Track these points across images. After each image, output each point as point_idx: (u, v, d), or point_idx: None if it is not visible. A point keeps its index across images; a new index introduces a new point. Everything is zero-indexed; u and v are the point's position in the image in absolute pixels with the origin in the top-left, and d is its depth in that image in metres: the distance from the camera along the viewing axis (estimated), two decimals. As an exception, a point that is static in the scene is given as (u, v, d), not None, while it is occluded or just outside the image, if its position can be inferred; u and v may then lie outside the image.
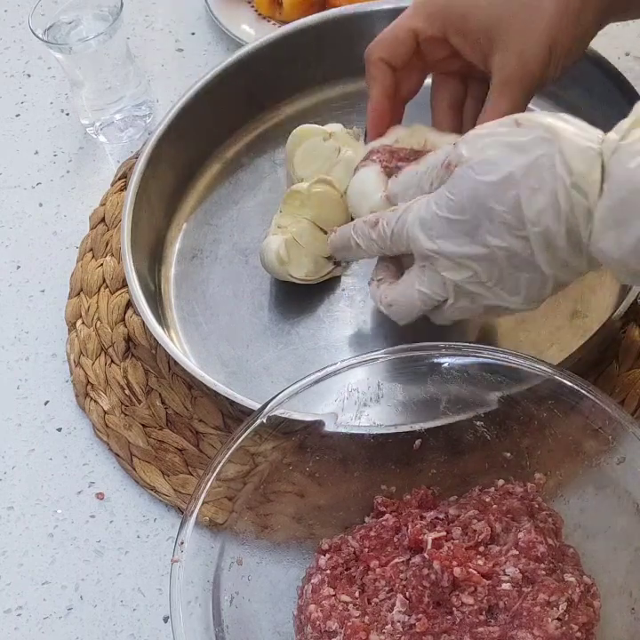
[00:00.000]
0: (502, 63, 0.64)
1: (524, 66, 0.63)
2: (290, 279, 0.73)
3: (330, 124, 0.77)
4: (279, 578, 0.58)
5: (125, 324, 0.77)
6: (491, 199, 0.55)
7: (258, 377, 0.72)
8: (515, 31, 0.63)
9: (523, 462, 0.59)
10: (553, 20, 0.63)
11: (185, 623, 0.52)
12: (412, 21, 0.66)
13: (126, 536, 0.68)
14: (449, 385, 0.59)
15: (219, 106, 0.82)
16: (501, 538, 0.57)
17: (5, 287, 0.83)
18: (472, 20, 0.64)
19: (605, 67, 0.75)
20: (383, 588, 0.56)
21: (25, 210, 0.87)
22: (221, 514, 0.57)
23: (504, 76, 0.64)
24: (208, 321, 0.75)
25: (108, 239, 0.83)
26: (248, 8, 0.97)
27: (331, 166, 0.74)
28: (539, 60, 0.63)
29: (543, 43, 0.63)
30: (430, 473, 0.61)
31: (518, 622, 0.53)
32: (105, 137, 0.90)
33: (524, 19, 0.63)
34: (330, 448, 0.59)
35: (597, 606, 0.54)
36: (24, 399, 0.76)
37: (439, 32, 0.66)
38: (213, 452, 0.69)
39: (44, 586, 0.67)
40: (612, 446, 0.55)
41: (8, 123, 0.94)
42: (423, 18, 0.66)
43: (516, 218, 0.54)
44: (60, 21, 0.84)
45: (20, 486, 0.72)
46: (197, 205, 0.82)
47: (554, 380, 0.56)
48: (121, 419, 0.73)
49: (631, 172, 0.51)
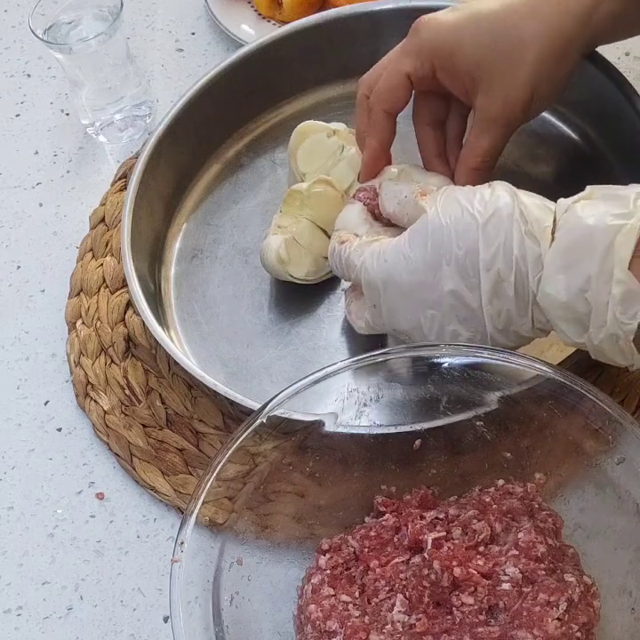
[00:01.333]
0: (486, 104, 0.65)
1: (507, 108, 0.65)
2: (290, 279, 0.73)
3: (333, 123, 0.77)
4: (279, 578, 0.58)
5: (125, 324, 0.77)
6: (451, 242, 0.57)
7: (258, 377, 0.72)
8: (498, 74, 0.64)
9: (523, 462, 0.59)
10: (535, 65, 0.64)
11: (185, 623, 0.52)
12: (404, 65, 0.67)
13: (126, 536, 0.68)
14: (449, 385, 0.59)
15: (219, 106, 0.82)
16: (501, 538, 0.57)
17: (5, 287, 0.83)
18: (458, 61, 0.65)
19: (605, 67, 0.75)
20: (383, 588, 0.56)
21: (25, 210, 0.87)
22: (221, 514, 0.57)
23: (486, 116, 0.65)
24: (208, 321, 0.75)
25: (108, 239, 0.83)
26: (248, 8, 0.97)
27: (334, 163, 0.74)
28: (521, 103, 0.65)
29: (526, 87, 0.64)
30: (430, 473, 0.61)
31: (518, 622, 0.53)
32: (105, 137, 0.90)
33: (507, 63, 0.64)
34: (330, 448, 0.59)
35: (597, 606, 0.55)
36: (24, 399, 0.76)
37: (429, 71, 0.67)
38: (213, 452, 0.69)
39: (44, 586, 0.67)
40: (611, 446, 0.55)
41: (8, 123, 0.94)
42: (413, 60, 0.66)
43: (472, 263, 0.57)
44: (60, 21, 0.84)
45: (20, 486, 0.72)
46: (197, 205, 0.82)
47: (554, 380, 0.56)
48: (121, 419, 0.73)
49: (582, 219, 0.54)
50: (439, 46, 0.65)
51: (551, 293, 0.55)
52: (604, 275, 0.53)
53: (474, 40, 0.65)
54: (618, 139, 0.76)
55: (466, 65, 0.65)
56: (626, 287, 0.52)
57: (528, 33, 0.64)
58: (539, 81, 0.64)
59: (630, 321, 0.52)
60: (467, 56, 0.65)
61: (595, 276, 0.53)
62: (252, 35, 0.93)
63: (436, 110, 0.70)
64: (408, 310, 0.60)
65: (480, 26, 0.65)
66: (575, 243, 0.54)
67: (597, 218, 0.54)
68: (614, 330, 0.53)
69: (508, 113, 0.65)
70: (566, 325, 0.56)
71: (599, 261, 0.53)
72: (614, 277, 0.52)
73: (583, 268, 0.53)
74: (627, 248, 0.52)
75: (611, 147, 0.78)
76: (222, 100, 0.82)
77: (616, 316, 0.53)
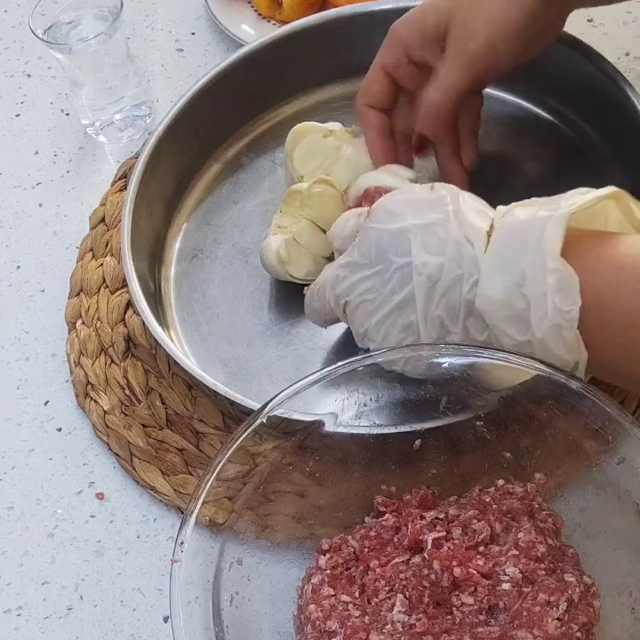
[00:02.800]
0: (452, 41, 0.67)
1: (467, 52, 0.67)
2: (290, 279, 0.73)
3: (330, 123, 0.77)
4: (279, 578, 0.58)
5: (125, 324, 0.77)
6: (390, 248, 0.58)
7: (258, 377, 0.72)
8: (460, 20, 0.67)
9: (523, 462, 0.59)
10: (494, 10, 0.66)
11: (185, 623, 0.52)
12: (379, 59, 0.71)
13: (126, 536, 0.68)
14: (449, 385, 0.59)
15: (219, 106, 0.82)
16: (501, 538, 0.57)
17: (5, 287, 0.83)
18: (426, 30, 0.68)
19: (605, 67, 0.75)
20: (383, 588, 0.56)
21: (25, 210, 0.87)
22: (221, 514, 0.57)
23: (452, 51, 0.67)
24: (208, 321, 0.76)
25: (108, 239, 0.83)
26: (248, 8, 0.97)
27: (331, 164, 0.74)
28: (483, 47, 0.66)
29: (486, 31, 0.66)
30: (430, 473, 0.61)
31: (518, 622, 0.53)
32: (105, 137, 0.90)
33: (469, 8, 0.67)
34: (330, 448, 0.59)
35: (597, 606, 0.55)
36: (24, 399, 0.76)
37: (402, 56, 0.69)
38: (213, 452, 0.69)
39: (44, 586, 0.67)
40: (611, 446, 0.55)
41: (8, 123, 0.94)
42: (385, 51, 0.70)
43: (408, 268, 0.57)
44: (60, 21, 0.84)
45: (20, 486, 0.72)
46: (197, 205, 0.82)
47: (554, 380, 0.56)
48: (121, 419, 0.73)
49: (517, 218, 0.55)
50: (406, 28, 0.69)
51: (489, 294, 0.55)
52: (538, 266, 0.52)
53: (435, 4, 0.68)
54: (617, 138, 0.76)
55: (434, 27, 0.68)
56: (560, 275, 0.52)
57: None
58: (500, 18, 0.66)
59: (571, 307, 0.52)
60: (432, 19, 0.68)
61: (529, 268, 0.53)
62: (252, 35, 0.93)
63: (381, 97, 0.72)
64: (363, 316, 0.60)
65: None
66: (509, 240, 0.54)
67: (530, 213, 0.54)
68: (556, 319, 0.52)
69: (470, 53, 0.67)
70: (507, 326, 0.55)
71: (532, 254, 0.53)
72: (547, 267, 0.52)
73: (517, 262, 0.53)
74: (556, 236, 0.52)
75: (611, 146, 0.78)
76: (222, 100, 0.82)
77: (556, 306, 0.52)
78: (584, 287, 0.52)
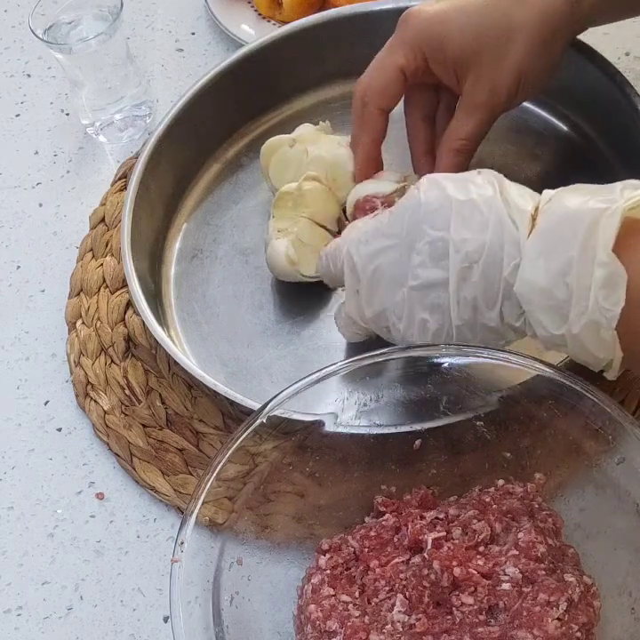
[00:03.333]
0: (473, 89, 0.66)
1: (493, 94, 0.66)
2: (302, 279, 0.73)
3: (299, 127, 0.77)
4: (279, 578, 0.58)
5: (125, 324, 0.77)
6: (426, 221, 0.56)
7: (258, 377, 0.72)
8: (486, 61, 0.65)
9: (523, 462, 0.59)
10: (523, 52, 0.64)
11: (185, 623, 0.52)
12: (397, 58, 0.67)
13: (126, 536, 0.68)
14: (449, 385, 0.59)
15: (219, 106, 0.82)
16: (501, 538, 0.57)
17: (5, 287, 0.83)
18: (447, 50, 0.66)
19: (605, 67, 0.75)
20: (383, 588, 0.56)
21: (25, 210, 0.87)
22: (221, 514, 0.57)
23: (473, 101, 0.66)
24: (208, 321, 0.75)
25: (108, 239, 0.83)
26: (248, 8, 0.97)
27: (304, 169, 0.74)
28: (507, 90, 0.66)
29: (513, 74, 0.65)
30: (430, 473, 0.61)
31: (518, 622, 0.53)
32: (105, 137, 0.90)
33: (495, 50, 0.65)
34: (330, 448, 0.59)
35: (597, 606, 0.54)
36: (24, 399, 0.76)
37: (422, 61, 0.67)
38: (213, 452, 0.69)
39: (44, 586, 0.67)
40: (611, 446, 0.55)
41: (8, 123, 0.94)
42: (405, 52, 0.67)
43: (444, 244, 0.55)
44: (60, 21, 0.84)
45: (20, 486, 0.72)
46: (197, 205, 0.82)
47: (554, 380, 0.56)
48: (121, 419, 0.73)
49: (565, 204, 0.53)
50: (429, 36, 0.66)
51: (530, 279, 0.53)
52: (586, 257, 0.50)
53: (462, 28, 0.65)
54: (617, 138, 0.76)
55: (455, 53, 0.66)
56: (609, 270, 0.50)
57: (516, 19, 0.64)
58: (526, 68, 0.65)
59: (613, 307, 0.50)
60: (455, 44, 0.65)
61: (576, 258, 0.51)
62: (252, 35, 0.93)
63: (428, 103, 0.71)
64: (384, 291, 0.59)
65: (468, 14, 0.65)
66: (557, 226, 0.52)
67: (581, 202, 0.52)
68: (596, 316, 0.51)
69: (494, 99, 0.66)
70: (544, 315, 0.53)
71: (581, 243, 0.51)
72: (597, 260, 0.50)
73: (564, 250, 0.51)
74: (611, 230, 0.50)
75: (611, 147, 0.78)
76: (222, 99, 0.82)
77: (598, 302, 0.50)
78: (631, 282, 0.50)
